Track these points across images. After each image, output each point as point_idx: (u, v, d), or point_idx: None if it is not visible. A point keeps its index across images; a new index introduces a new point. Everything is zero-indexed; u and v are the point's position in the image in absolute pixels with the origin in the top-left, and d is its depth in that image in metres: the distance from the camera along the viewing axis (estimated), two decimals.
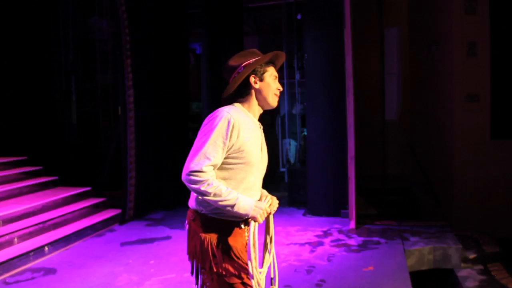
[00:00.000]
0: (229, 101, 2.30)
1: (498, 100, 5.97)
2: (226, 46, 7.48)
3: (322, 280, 4.15)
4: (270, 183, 9.70)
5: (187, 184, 2.09)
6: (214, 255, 2.11)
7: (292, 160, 8.40)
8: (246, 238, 2.20)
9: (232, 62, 2.27)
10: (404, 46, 7.83)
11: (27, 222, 5.56)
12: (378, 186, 6.70)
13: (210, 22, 7.76)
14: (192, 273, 2.23)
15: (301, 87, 8.32)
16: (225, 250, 2.13)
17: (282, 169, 9.72)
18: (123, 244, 5.52)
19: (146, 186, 6.93)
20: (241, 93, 2.27)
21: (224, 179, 2.15)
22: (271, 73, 2.30)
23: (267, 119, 12.07)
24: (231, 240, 2.14)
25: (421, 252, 4.83)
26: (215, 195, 2.04)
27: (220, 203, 2.06)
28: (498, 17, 5.95)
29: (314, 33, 6.55)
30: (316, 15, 6.53)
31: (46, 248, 5.29)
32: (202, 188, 2.04)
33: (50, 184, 6.92)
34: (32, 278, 4.48)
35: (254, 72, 2.26)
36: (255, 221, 2.11)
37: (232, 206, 2.06)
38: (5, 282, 4.41)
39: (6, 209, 5.58)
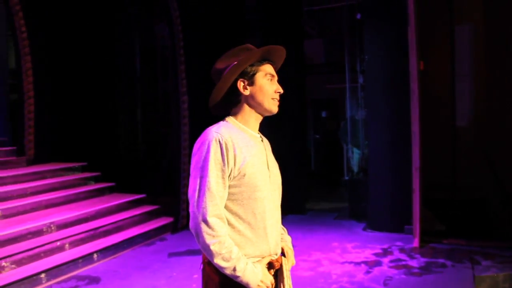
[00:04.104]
0: (219, 110, 1.92)
1: None
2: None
3: None
4: (333, 192, 9.37)
5: (195, 233, 1.73)
6: None
7: (354, 169, 7.89)
8: None
9: (219, 64, 1.87)
10: (479, 45, 7.06)
11: (80, 228, 5.56)
12: (446, 198, 6.02)
13: (268, 26, 7.53)
14: None
15: (364, 91, 7.81)
16: None
17: (346, 177, 9.20)
18: (170, 255, 5.38)
19: None
20: (231, 101, 1.88)
21: (232, 214, 1.78)
22: (264, 73, 1.87)
23: (333, 124, 11.63)
24: None
25: (494, 279, 4.19)
26: (223, 258, 1.70)
27: (225, 270, 1.70)
28: None
29: (375, 33, 6.09)
30: (377, 13, 6.06)
31: (95, 255, 5.26)
32: (213, 247, 1.69)
33: (106, 190, 6.95)
34: (76, 287, 4.44)
35: (242, 75, 1.84)
36: None
37: (236, 277, 1.71)
38: None
39: (61, 214, 5.63)
